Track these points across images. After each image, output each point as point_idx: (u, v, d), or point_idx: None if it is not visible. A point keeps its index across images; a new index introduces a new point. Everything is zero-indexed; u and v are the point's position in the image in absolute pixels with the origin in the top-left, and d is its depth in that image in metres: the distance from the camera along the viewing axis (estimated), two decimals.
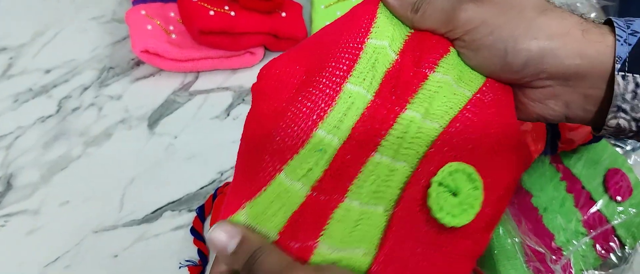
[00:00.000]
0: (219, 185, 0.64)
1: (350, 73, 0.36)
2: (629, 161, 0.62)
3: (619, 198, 0.58)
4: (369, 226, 0.36)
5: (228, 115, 0.70)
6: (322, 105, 0.35)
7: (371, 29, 0.37)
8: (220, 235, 0.34)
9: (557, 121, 0.40)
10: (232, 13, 0.70)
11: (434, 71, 0.37)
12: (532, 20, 0.36)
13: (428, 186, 0.35)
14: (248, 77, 0.73)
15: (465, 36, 0.37)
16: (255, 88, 0.38)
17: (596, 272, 0.57)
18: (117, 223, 0.62)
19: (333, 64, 0.36)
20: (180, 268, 0.59)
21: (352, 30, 0.38)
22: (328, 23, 0.40)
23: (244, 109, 0.70)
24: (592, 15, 0.80)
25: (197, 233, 0.61)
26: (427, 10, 0.38)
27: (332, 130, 0.35)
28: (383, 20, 0.38)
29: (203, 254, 0.60)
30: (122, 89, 0.72)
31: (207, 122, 0.70)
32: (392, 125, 0.36)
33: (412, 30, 0.39)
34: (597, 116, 0.38)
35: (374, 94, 0.36)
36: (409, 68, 0.37)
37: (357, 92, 0.35)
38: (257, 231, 0.35)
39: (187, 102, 0.71)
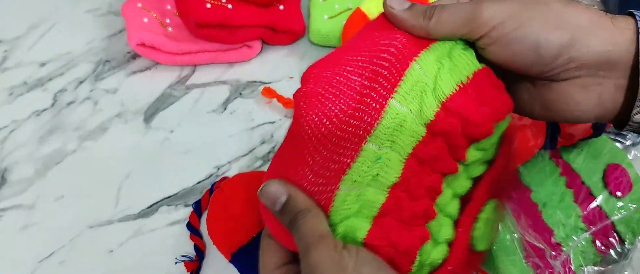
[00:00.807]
0: (216, 180, 0.63)
1: (395, 90, 0.37)
2: (629, 156, 0.61)
3: (619, 194, 0.57)
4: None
5: (225, 109, 0.70)
6: (368, 119, 0.37)
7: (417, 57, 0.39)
8: (273, 188, 0.37)
9: (586, 119, 0.39)
10: (229, 6, 0.69)
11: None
12: (560, 11, 0.36)
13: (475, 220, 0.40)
14: (245, 71, 0.73)
15: (492, 32, 0.37)
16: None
17: (595, 268, 0.57)
18: (113, 218, 0.62)
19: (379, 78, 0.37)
20: (176, 263, 0.59)
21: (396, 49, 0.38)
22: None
23: (240, 103, 0.70)
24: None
25: (193, 228, 0.60)
26: (441, 16, 0.37)
27: (385, 143, 0.37)
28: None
29: (199, 250, 0.59)
30: (117, 82, 0.71)
31: (203, 116, 0.69)
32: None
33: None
34: (622, 111, 0.38)
35: (426, 126, 0.38)
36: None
37: (405, 113, 0.37)
38: None
39: (184, 96, 0.71)
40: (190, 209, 0.62)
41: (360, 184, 0.37)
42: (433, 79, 0.37)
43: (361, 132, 0.36)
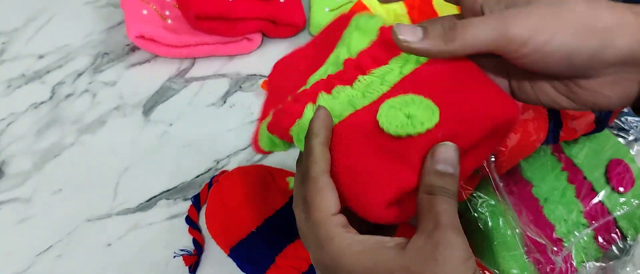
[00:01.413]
0: (215, 174, 0.63)
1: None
2: (631, 151, 0.61)
3: (621, 189, 0.57)
4: None
5: (224, 102, 0.69)
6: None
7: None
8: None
9: (612, 108, 0.39)
10: None
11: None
12: (586, 15, 0.35)
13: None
14: (245, 64, 0.72)
15: (523, 49, 0.35)
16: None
17: (597, 263, 0.57)
18: (111, 212, 0.61)
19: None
20: (174, 257, 0.58)
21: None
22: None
23: (240, 97, 0.69)
24: None
25: (192, 222, 0.60)
26: (466, 37, 0.36)
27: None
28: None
29: (198, 244, 0.59)
30: (116, 75, 0.71)
31: (203, 109, 0.68)
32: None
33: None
34: None
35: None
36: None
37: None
38: None
39: (183, 89, 0.70)
40: (189, 203, 0.61)
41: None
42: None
43: None
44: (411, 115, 0.35)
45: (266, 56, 0.73)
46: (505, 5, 0.37)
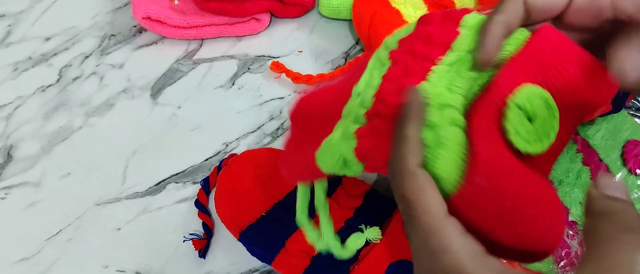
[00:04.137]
0: (224, 157, 0.62)
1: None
2: None
3: (638, 171, 0.56)
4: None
5: (233, 84, 0.68)
6: None
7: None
8: None
9: None
10: None
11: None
12: None
13: (503, 105, 0.33)
14: (253, 45, 0.71)
15: None
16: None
17: None
18: (120, 196, 0.61)
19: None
20: (184, 241, 0.58)
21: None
22: None
23: (249, 78, 0.68)
24: None
25: (201, 206, 0.59)
26: None
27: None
28: None
29: (208, 228, 0.58)
30: (124, 57, 0.70)
31: (211, 91, 0.68)
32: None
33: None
34: None
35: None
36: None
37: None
38: None
39: (191, 70, 0.69)
40: (199, 186, 0.61)
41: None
42: None
43: None
44: (537, 125, 0.32)
45: (275, 37, 0.72)
46: None
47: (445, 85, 0.34)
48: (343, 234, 0.51)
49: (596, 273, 0.26)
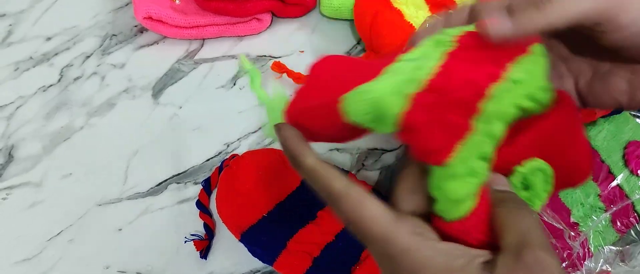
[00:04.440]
0: (225, 157, 0.62)
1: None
2: None
3: (639, 173, 0.56)
4: None
5: (234, 84, 0.68)
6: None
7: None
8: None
9: None
10: None
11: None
12: None
13: (510, 170, 0.35)
14: (255, 45, 0.71)
15: (625, 16, 0.32)
16: None
17: (614, 248, 0.56)
18: (121, 196, 0.61)
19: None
20: (185, 242, 0.58)
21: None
22: None
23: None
24: None
25: (203, 206, 0.59)
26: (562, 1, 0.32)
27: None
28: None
29: (209, 228, 0.58)
30: (125, 57, 0.70)
31: (212, 91, 0.68)
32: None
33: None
34: None
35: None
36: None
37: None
38: None
39: (192, 70, 0.69)
40: (200, 187, 0.61)
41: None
42: None
43: None
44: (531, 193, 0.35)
45: (276, 37, 0.71)
46: None
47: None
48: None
49: (516, 237, 0.30)
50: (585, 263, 0.54)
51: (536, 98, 0.34)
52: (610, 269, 0.54)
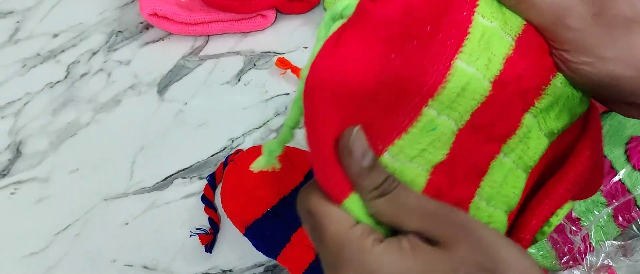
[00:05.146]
0: (230, 152, 0.63)
1: (460, 50, 0.32)
2: None
3: None
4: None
5: (239, 80, 0.69)
6: (431, 82, 0.31)
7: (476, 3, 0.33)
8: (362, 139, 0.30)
9: None
10: None
11: (555, 76, 0.35)
12: None
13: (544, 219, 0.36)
14: (259, 41, 0.71)
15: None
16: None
17: (615, 242, 0.56)
18: (128, 191, 0.62)
19: (439, 35, 0.31)
20: (191, 236, 0.59)
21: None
22: None
23: (255, 74, 0.69)
24: None
25: (208, 201, 0.60)
26: None
27: (444, 110, 0.32)
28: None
29: (214, 223, 0.59)
30: (131, 53, 0.71)
31: (217, 87, 0.68)
32: (518, 126, 0.35)
33: (525, 22, 0.34)
34: None
35: (492, 82, 0.33)
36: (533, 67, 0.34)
37: (472, 74, 0.32)
38: None
39: (197, 67, 0.70)
40: (205, 182, 0.61)
41: (405, 157, 0.31)
42: (501, 20, 0.34)
43: (424, 93, 0.31)
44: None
45: (280, 33, 0.72)
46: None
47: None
48: None
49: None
50: (587, 257, 0.54)
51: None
52: (611, 263, 0.54)
